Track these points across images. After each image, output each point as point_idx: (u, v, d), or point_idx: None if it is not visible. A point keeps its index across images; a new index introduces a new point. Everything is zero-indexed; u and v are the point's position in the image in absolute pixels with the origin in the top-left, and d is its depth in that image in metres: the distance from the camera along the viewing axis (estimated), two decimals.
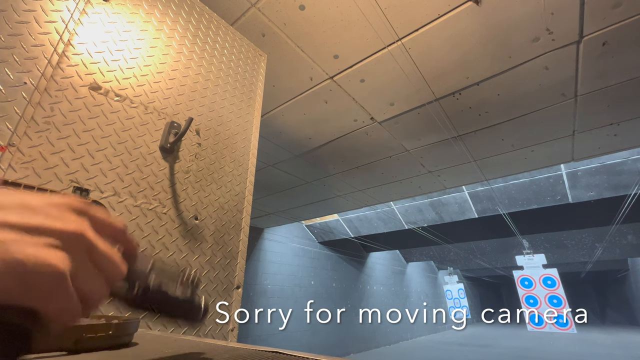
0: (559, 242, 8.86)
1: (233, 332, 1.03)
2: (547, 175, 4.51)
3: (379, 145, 3.04)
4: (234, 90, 1.32)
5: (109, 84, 0.92)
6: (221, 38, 1.34)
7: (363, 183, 3.99)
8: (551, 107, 2.41)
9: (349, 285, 8.01)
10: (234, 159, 1.23)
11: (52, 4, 0.84)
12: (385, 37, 1.83)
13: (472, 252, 10.44)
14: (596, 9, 1.62)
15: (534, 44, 1.85)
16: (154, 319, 0.29)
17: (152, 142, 0.98)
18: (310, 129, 2.79)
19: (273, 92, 2.31)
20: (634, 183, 4.08)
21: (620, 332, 12.80)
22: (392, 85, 2.24)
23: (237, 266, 1.11)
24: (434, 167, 3.52)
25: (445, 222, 5.98)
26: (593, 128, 2.69)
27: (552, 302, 7.01)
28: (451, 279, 11.58)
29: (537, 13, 1.66)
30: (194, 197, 1.05)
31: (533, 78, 2.12)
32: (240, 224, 1.17)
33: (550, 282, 7.14)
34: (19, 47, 0.75)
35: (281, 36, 1.84)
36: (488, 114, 2.52)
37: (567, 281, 18.14)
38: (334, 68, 2.08)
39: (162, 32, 1.11)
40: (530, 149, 3.07)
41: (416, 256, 11.09)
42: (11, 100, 0.72)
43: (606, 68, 2.01)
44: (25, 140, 0.73)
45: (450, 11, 1.67)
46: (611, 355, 7.41)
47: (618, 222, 5.44)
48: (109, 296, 0.25)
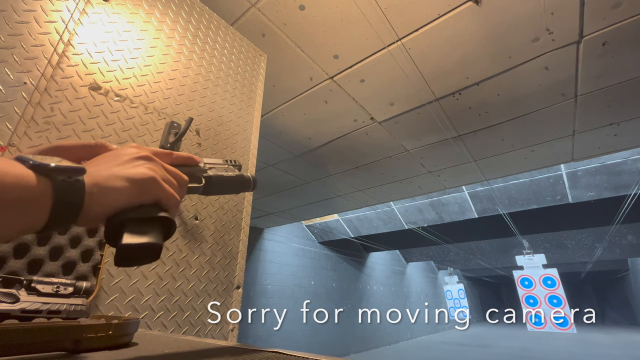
0: (559, 242, 8.86)
1: (233, 332, 1.03)
2: (547, 175, 4.51)
3: (379, 145, 3.04)
4: (234, 90, 1.32)
5: (109, 84, 0.92)
6: (221, 38, 1.34)
7: (363, 183, 3.99)
8: (551, 107, 2.41)
9: (349, 285, 8.01)
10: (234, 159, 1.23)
11: (52, 4, 0.84)
12: (385, 37, 1.84)
13: (472, 252, 10.44)
14: (596, 9, 1.62)
15: (534, 44, 1.85)
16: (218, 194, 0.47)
17: (152, 142, 0.98)
18: (310, 129, 2.79)
19: (273, 92, 2.31)
20: (634, 183, 4.08)
21: (620, 332, 12.80)
22: (392, 85, 2.24)
23: (237, 266, 1.11)
24: (434, 167, 3.52)
25: (445, 222, 5.98)
26: (593, 128, 2.69)
27: (552, 302, 7.01)
28: (451, 279, 11.58)
29: (537, 13, 1.66)
30: (193, 196, 1.05)
31: (533, 78, 2.12)
32: (240, 224, 1.17)
33: (550, 282, 7.15)
34: (19, 47, 0.75)
35: (281, 36, 1.84)
36: (488, 114, 2.52)
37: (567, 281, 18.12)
38: (334, 68, 2.08)
39: (162, 32, 1.11)
40: (530, 149, 3.07)
41: (416, 256, 11.09)
42: (11, 100, 0.72)
43: (606, 68, 2.01)
44: (25, 140, 0.73)
45: (450, 11, 1.67)
46: (611, 355, 7.41)
47: (618, 222, 5.44)
48: (188, 191, 0.39)
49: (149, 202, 0.31)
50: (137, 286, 0.84)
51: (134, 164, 0.31)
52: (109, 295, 0.78)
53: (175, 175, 0.35)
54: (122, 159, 0.31)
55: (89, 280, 0.68)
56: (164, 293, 0.89)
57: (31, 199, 0.23)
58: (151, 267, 0.88)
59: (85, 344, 0.43)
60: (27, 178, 0.23)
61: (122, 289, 0.80)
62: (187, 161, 0.41)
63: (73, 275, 0.67)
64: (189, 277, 0.96)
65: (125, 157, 0.31)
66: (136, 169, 0.30)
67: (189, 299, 0.94)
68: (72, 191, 0.25)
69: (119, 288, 0.80)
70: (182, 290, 0.93)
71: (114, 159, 0.31)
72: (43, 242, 0.64)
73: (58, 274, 0.64)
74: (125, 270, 0.82)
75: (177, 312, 0.90)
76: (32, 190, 0.23)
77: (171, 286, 0.91)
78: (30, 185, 0.23)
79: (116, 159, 0.31)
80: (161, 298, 0.88)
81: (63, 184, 0.24)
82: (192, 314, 0.94)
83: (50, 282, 0.59)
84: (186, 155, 0.41)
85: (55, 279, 0.61)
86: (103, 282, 0.77)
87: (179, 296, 0.92)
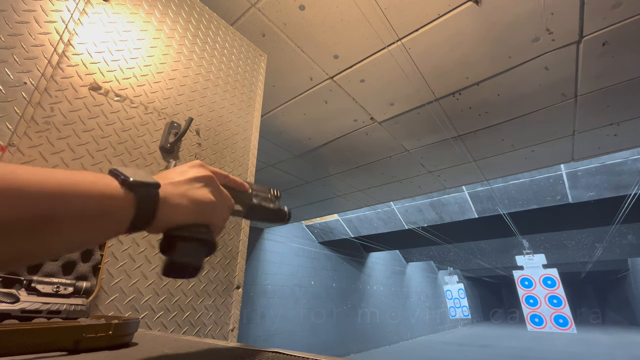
0: (559, 242, 8.86)
1: (233, 332, 1.03)
2: (547, 175, 4.51)
3: (379, 145, 3.04)
4: (234, 90, 1.32)
5: (109, 84, 0.92)
6: (221, 38, 1.34)
7: (363, 183, 3.99)
8: (551, 107, 2.41)
9: (349, 285, 8.00)
10: (234, 159, 1.23)
11: (52, 4, 0.84)
12: (385, 37, 1.84)
13: (472, 252, 10.44)
14: (596, 9, 1.62)
15: (534, 44, 1.85)
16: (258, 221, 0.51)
17: (152, 142, 0.98)
18: (310, 129, 2.79)
19: (273, 92, 2.31)
20: (634, 183, 4.08)
21: (620, 332, 12.80)
22: (392, 85, 2.24)
23: (237, 266, 1.11)
24: (434, 167, 3.52)
25: (445, 222, 5.97)
26: (593, 128, 2.69)
27: (552, 302, 7.01)
28: (451, 279, 11.58)
29: (537, 13, 1.66)
30: None
31: (533, 78, 2.12)
32: (240, 223, 1.17)
33: (550, 282, 7.14)
34: (19, 47, 0.75)
35: (281, 36, 1.84)
36: (488, 114, 2.52)
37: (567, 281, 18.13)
38: (334, 68, 2.08)
39: (162, 32, 1.11)
40: (530, 149, 3.07)
41: (416, 256, 11.09)
42: (11, 100, 0.72)
43: (606, 68, 2.01)
44: (25, 140, 0.73)
45: (450, 11, 1.67)
46: (611, 355, 7.40)
47: (618, 222, 5.44)
48: (231, 214, 0.42)
49: (202, 223, 0.34)
50: (137, 286, 0.84)
51: (198, 185, 0.34)
52: (109, 295, 0.78)
53: (227, 199, 0.39)
54: (188, 176, 0.34)
55: (89, 280, 0.68)
56: (164, 293, 0.89)
57: (118, 209, 0.27)
58: (151, 267, 0.88)
59: (85, 344, 0.43)
60: (116, 192, 0.27)
61: (122, 289, 0.80)
62: (239, 187, 0.44)
63: (73, 275, 0.67)
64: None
65: (190, 175, 0.34)
66: (200, 191, 0.34)
67: (189, 299, 0.94)
68: (149, 203, 0.29)
69: (119, 288, 0.80)
70: (182, 290, 0.93)
71: (180, 175, 0.34)
72: None
73: (58, 274, 0.64)
74: (125, 270, 0.82)
75: (177, 312, 0.90)
76: (120, 203, 0.27)
77: (171, 286, 0.91)
78: (119, 197, 0.27)
79: (182, 175, 0.34)
80: (161, 298, 0.88)
81: (143, 197, 0.28)
82: (192, 314, 0.94)
83: (50, 282, 0.60)
84: (239, 182, 0.44)
85: (55, 279, 0.61)
86: (103, 282, 0.77)
87: (179, 296, 0.92)
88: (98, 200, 0.25)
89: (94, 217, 0.25)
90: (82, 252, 0.69)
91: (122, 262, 0.82)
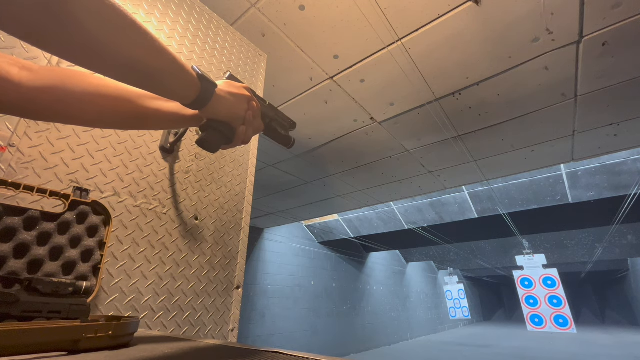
0: (559, 242, 8.87)
1: (233, 332, 1.03)
2: (547, 175, 4.51)
3: (379, 145, 3.05)
4: None
5: None
6: (221, 38, 1.34)
7: (363, 183, 3.99)
8: (551, 107, 2.41)
9: (349, 286, 8.00)
10: (234, 159, 1.23)
11: None
12: (385, 38, 1.84)
13: (472, 252, 10.44)
14: (596, 9, 1.62)
15: (534, 44, 1.85)
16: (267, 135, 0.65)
17: (152, 142, 0.98)
18: (310, 129, 2.79)
19: (273, 92, 2.31)
20: (634, 183, 4.08)
21: (620, 332, 12.79)
22: (392, 86, 2.24)
23: (237, 266, 1.11)
24: (434, 167, 3.52)
25: (445, 222, 5.97)
26: (593, 128, 2.69)
27: (552, 302, 7.01)
28: (451, 280, 11.57)
29: (537, 13, 1.66)
30: (194, 197, 1.05)
31: (533, 78, 2.12)
32: (240, 224, 1.17)
33: (550, 282, 7.14)
34: (19, 47, 0.75)
35: (281, 36, 1.84)
36: (488, 114, 2.52)
37: (567, 281, 18.14)
38: (334, 68, 2.08)
39: (162, 33, 1.11)
40: (530, 149, 3.07)
41: (416, 256, 11.10)
42: None
43: (606, 68, 2.01)
44: (25, 140, 0.73)
45: (450, 11, 1.68)
46: (611, 355, 7.40)
47: (618, 222, 5.44)
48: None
49: (231, 125, 0.52)
50: (137, 286, 0.84)
51: (240, 99, 0.52)
52: (109, 295, 0.78)
53: (256, 119, 0.56)
54: (237, 91, 0.52)
55: (89, 280, 0.68)
56: (164, 293, 0.89)
57: (193, 81, 0.44)
58: (151, 267, 0.88)
59: (85, 344, 0.43)
60: (194, 76, 0.44)
61: (122, 289, 0.80)
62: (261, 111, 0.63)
63: (73, 275, 0.66)
64: (189, 277, 0.96)
65: (239, 91, 0.52)
66: (240, 105, 0.52)
67: (189, 299, 0.94)
68: (207, 90, 0.46)
69: (119, 288, 0.80)
70: (182, 291, 0.93)
71: (229, 86, 0.51)
72: (43, 242, 0.64)
73: (58, 274, 0.64)
74: (125, 270, 0.82)
75: (177, 312, 0.90)
76: (194, 80, 0.44)
77: (171, 286, 0.91)
78: (194, 76, 0.44)
79: (235, 89, 0.52)
80: (161, 298, 0.88)
81: (205, 85, 0.46)
82: (192, 314, 0.94)
83: (51, 282, 0.60)
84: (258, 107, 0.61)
85: (55, 278, 0.61)
86: (103, 282, 0.77)
87: (179, 296, 0.92)
88: (185, 74, 0.43)
89: (180, 81, 0.42)
90: (82, 252, 0.69)
91: (122, 262, 0.82)
